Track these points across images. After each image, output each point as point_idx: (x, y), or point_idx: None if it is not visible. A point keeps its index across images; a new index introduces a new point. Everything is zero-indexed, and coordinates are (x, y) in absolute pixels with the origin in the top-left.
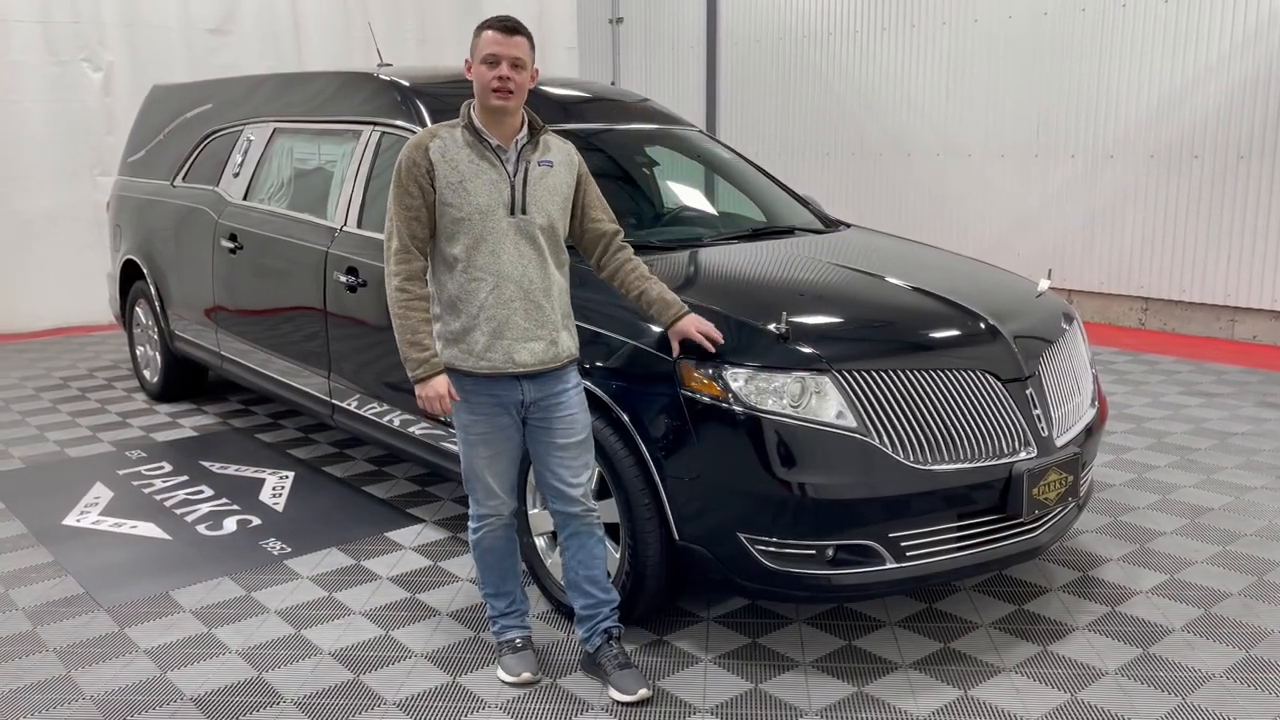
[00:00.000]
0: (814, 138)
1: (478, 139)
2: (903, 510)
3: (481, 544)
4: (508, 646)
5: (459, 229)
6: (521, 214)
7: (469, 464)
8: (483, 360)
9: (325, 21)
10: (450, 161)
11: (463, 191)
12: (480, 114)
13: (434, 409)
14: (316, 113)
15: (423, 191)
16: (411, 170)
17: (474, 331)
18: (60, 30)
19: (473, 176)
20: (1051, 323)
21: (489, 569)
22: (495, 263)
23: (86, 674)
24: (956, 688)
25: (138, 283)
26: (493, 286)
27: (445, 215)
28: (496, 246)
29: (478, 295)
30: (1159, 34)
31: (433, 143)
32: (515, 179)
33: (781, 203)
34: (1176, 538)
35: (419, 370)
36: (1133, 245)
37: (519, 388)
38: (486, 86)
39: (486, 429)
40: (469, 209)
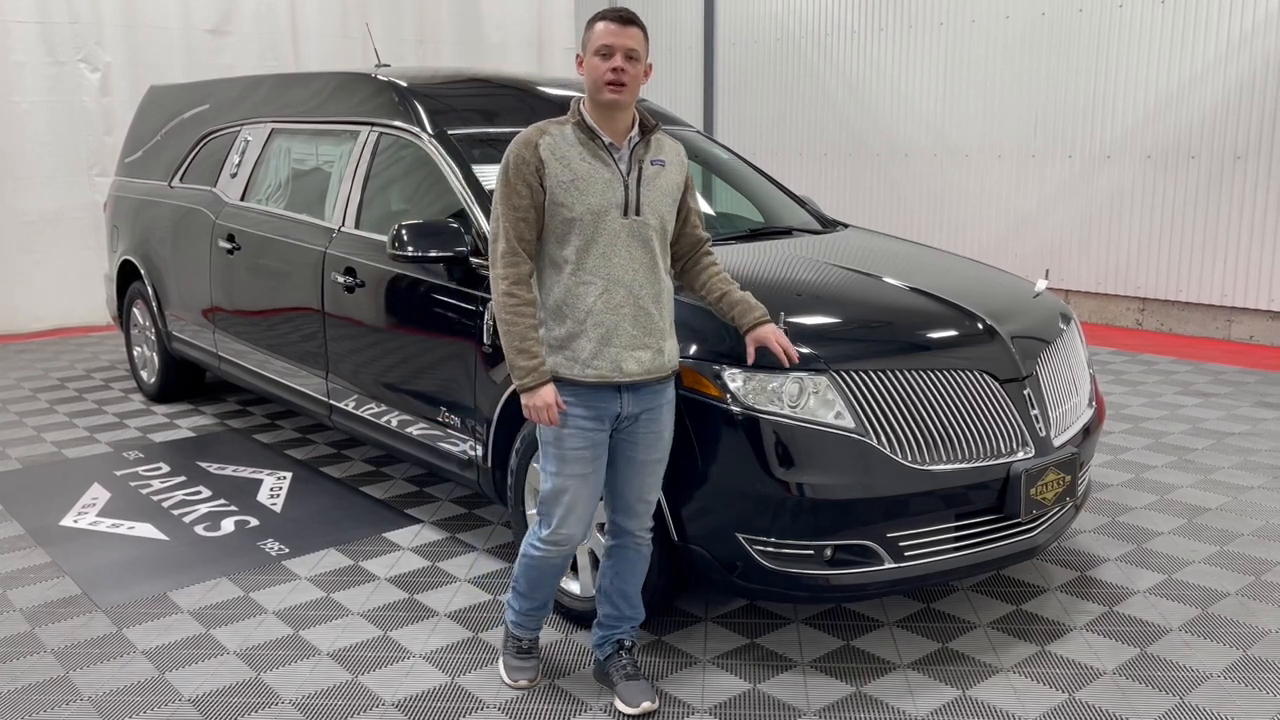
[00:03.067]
0: (811, 138)
1: (590, 136)
2: (901, 510)
3: (538, 564)
4: (514, 644)
5: (570, 230)
6: (635, 215)
7: (556, 483)
8: (589, 368)
9: (323, 22)
10: (562, 159)
11: (575, 191)
12: (592, 110)
13: (541, 419)
14: (314, 113)
15: (531, 191)
16: (520, 168)
17: (580, 338)
18: (58, 31)
19: (586, 175)
20: (1049, 323)
21: (534, 579)
22: (606, 266)
23: (84, 675)
24: (955, 688)
25: (135, 283)
26: (602, 290)
27: (556, 215)
28: (608, 249)
29: (586, 299)
30: (1156, 35)
31: (542, 139)
32: (629, 178)
33: (779, 203)
34: (1174, 537)
35: (528, 379)
36: (1130, 245)
37: (619, 400)
38: (600, 80)
39: (582, 443)
40: (581, 209)
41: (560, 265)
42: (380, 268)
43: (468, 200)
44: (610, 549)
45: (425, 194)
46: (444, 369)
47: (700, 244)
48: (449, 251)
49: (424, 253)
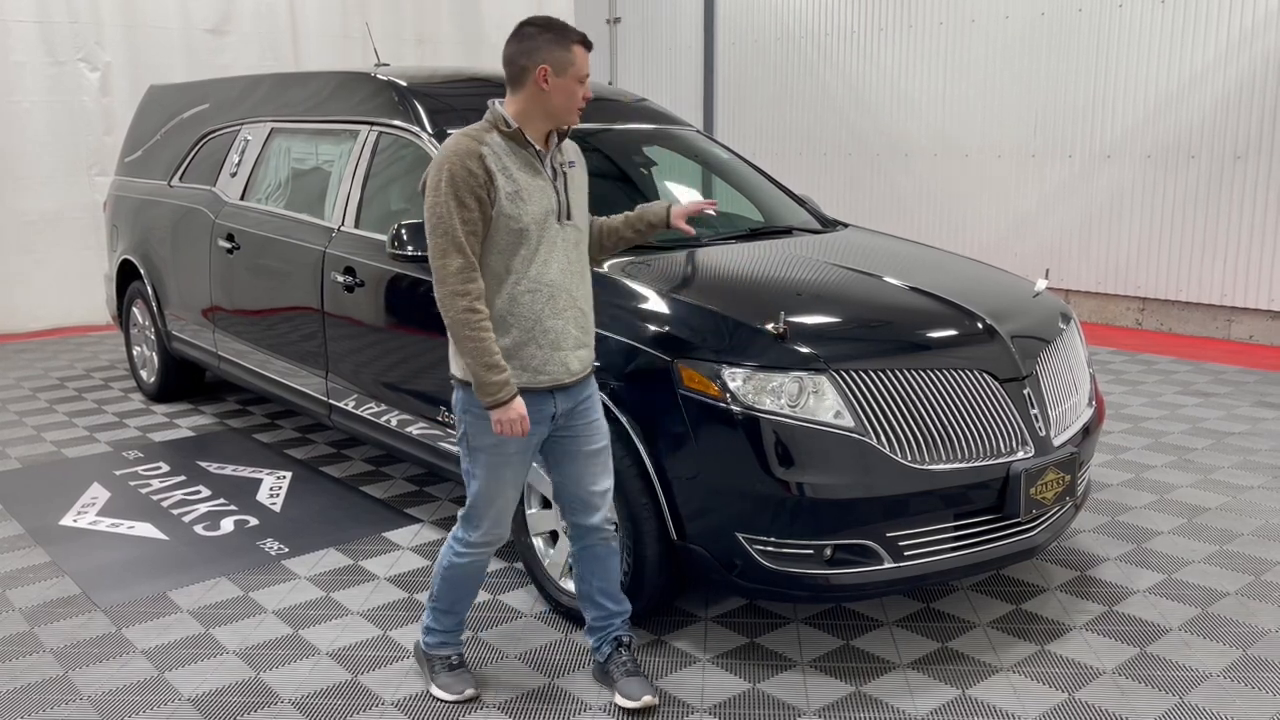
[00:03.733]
0: (811, 138)
1: (522, 145)
2: (900, 510)
3: (462, 570)
4: (443, 663)
5: (518, 240)
6: (568, 220)
7: (489, 488)
8: (541, 374)
9: (323, 22)
10: (504, 170)
11: (520, 201)
12: (533, 121)
13: (514, 432)
14: (314, 113)
15: (480, 204)
16: (469, 181)
17: (529, 345)
18: (58, 30)
19: (526, 185)
20: (1049, 322)
21: (455, 589)
22: (548, 272)
23: (84, 674)
24: (954, 687)
25: (135, 283)
26: (548, 297)
27: (504, 227)
28: (548, 256)
29: (534, 307)
30: (1155, 35)
31: (483, 150)
32: (557, 184)
33: (779, 202)
34: (1174, 537)
35: (501, 393)
36: (1130, 245)
37: (553, 400)
38: (575, 104)
39: (520, 448)
40: (528, 219)
41: (503, 276)
42: (380, 267)
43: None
44: (578, 553)
45: None
46: (443, 368)
47: (597, 223)
48: None
49: (424, 252)
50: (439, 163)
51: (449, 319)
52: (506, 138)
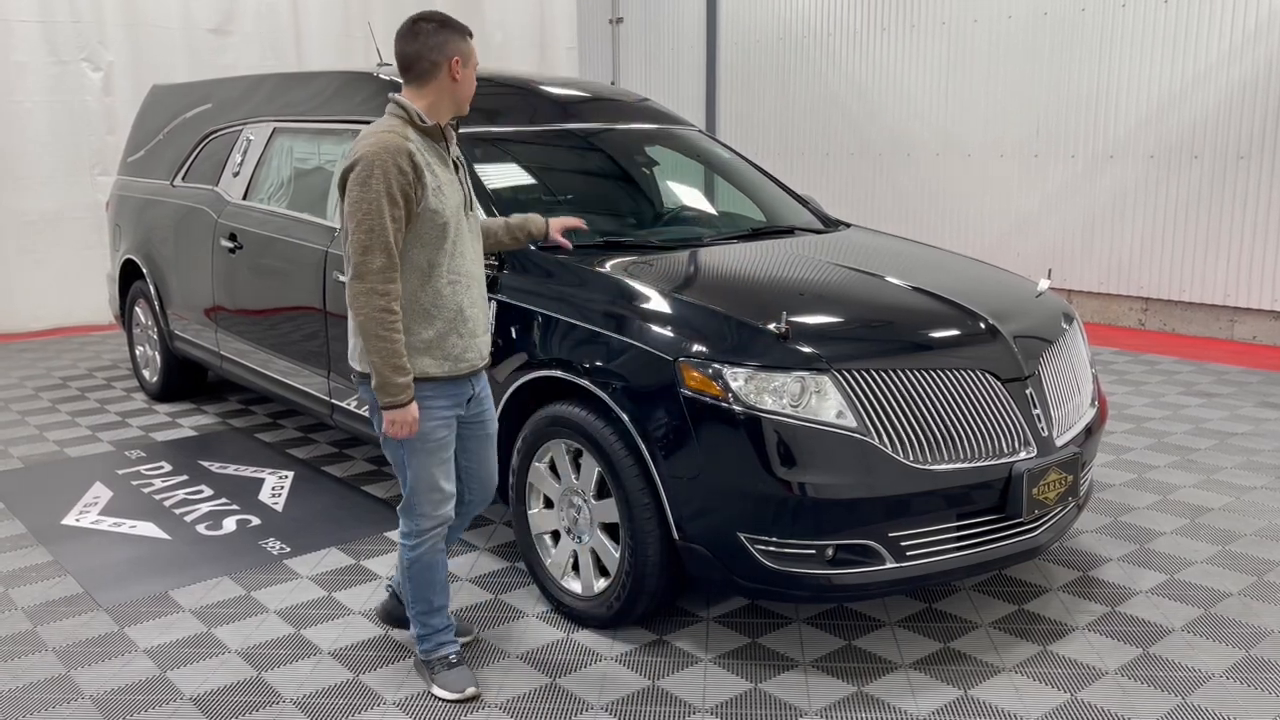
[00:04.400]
0: (814, 137)
1: (435, 140)
2: (902, 510)
3: (421, 560)
4: (442, 664)
5: (441, 234)
6: (471, 210)
7: (425, 475)
8: (462, 362)
9: (325, 22)
10: (427, 166)
11: (442, 195)
12: (440, 113)
13: (405, 433)
14: (316, 112)
15: (408, 201)
16: (401, 179)
17: (452, 335)
18: (60, 30)
19: (444, 179)
20: (1051, 323)
21: (426, 585)
22: (463, 263)
23: (86, 673)
24: (956, 687)
25: (137, 282)
26: (466, 287)
27: (430, 221)
28: (463, 247)
29: (455, 298)
30: (1159, 34)
31: (409, 146)
32: (460, 175)
33: (781, 202)
34: (1176, 538)
35: (403, 395)
36: (1132, 245)
37: (470, 385)
38: (472, 92)
39: (446, 433)
40: (449, 212)
41: (427, 270)
42: None
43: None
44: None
45: None
46: None
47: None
48: None
49: None
50: (369, 159)
51: (362, 316)
52: (422, 133)
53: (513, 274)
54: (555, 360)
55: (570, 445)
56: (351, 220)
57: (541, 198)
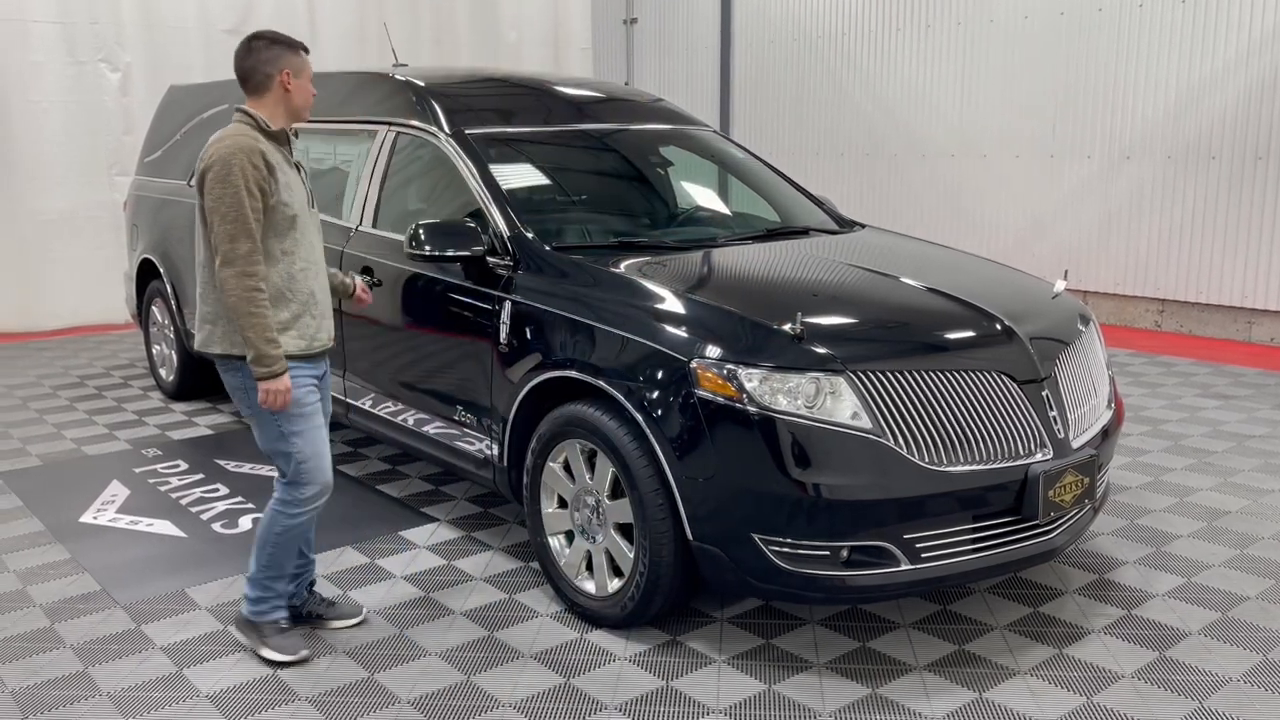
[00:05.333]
0: (828, 138)
1: (281, 144)
2: (917, 512)
3: (296, 529)
4: (273, 628)
5: (291, 225)
6: (313, 207)
7: (310, 444)
8: (314, 341)
9: (341, 22)
10: (278, 165)
11: (290, 191)
12: (280, 121)
13: (279, 403)
14: (332, 113)
15: (264, 194)
16: (255, 174)
17: (305, 316)
18: (78, 31)
19: (291, 177)
20: (1067, 324)
21: (285, 552)
22: (312, 252)
23: (103, 670)
24: (971, 690)
25: (154, 282)
26: (315, 274)
27: (280, 214)
28: (312, 238)
29: (307, 283)
30: (1176, 34)
31: (260, 148)
32: (302, 175)
33: (796, 203)
34: (1193, 541)
35: (277, 365)
36: (1149, 246)
37: (323, 362)
38: (309, 103)
39: (316, 397)
40: (297, 206)
41: (279, 257)
42: (397, 267)
43: (485, 200)
44: None
45: (442, 193)
46: (460, 368)
47: None
48: (466, 251)
49: (441, 252)
50: (225, 158)
51: (235, 297)
52: (268, 138)
53: (527, 274)
54: (569, 360)
55: (584, 445)
56: (215, 214)
57: (556, 198)
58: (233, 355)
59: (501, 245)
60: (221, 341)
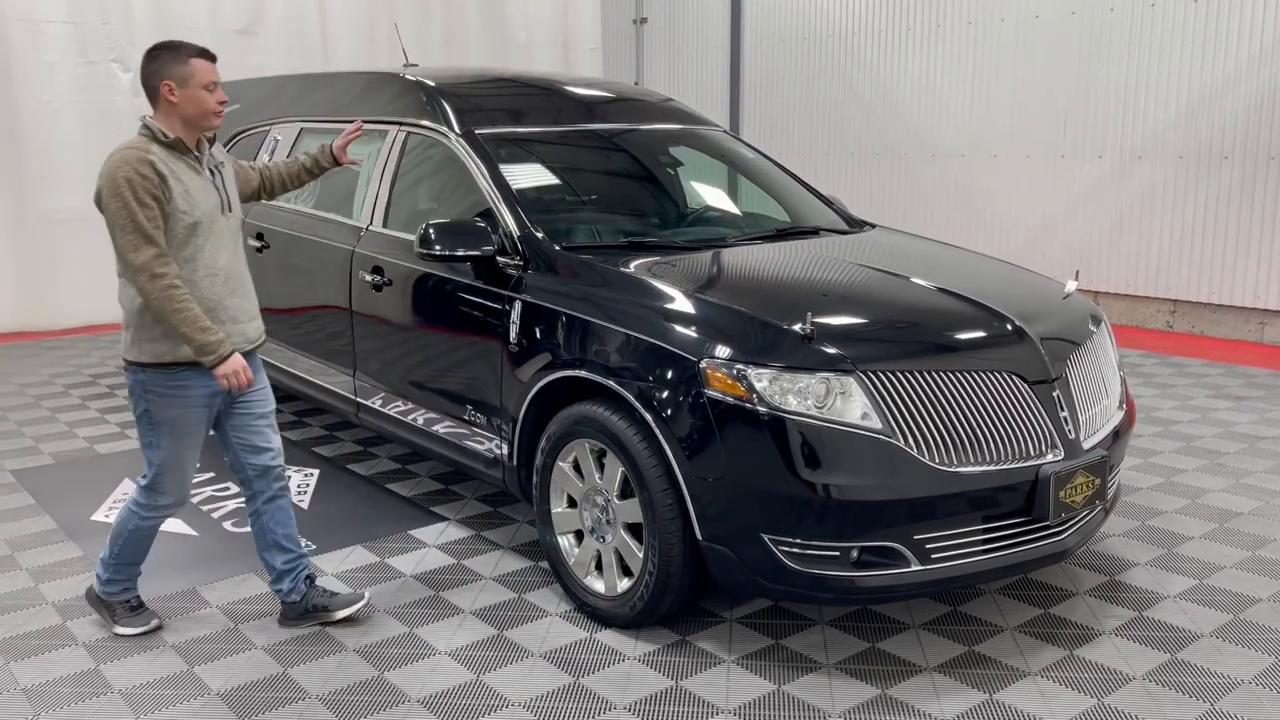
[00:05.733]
0: (838, 138)
1: (183, 152)
2: (928, 512)
3: (146, 528)
4: (125, 607)
5: (193, 232)
6: (230, 211)
7: (173, 457)
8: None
9: (351, 22)
10: (173, 173)
11: (190, 199)
12: (180, 130)
13: (238, 382)
14: (343, 112)
15: (158, 203)
16: (146, 184)
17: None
18: (90, 31)
19: (193, 184)
20: (1079, 324)
21: (135, 547)
22: (220, 259)
23: (115, 668)
24: (981, 691)
25: None
26: (224, 280)
27: (180, 222)
28: (219, 245)
29: (213, 289)
30: (1188, 34)
31: (152, 158)
32: (216, 182)
33: (806, 203)
34: (1205, 542)
35: (222, 349)
36: (1161, 247)
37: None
38: (210, 110)
39: (198, 419)
40: (199, 213)
41: (181, 265)
42: (408, 266)
43: (495, 200)
44: (262, 506)
45: (453, 193)
46: (470, 367)
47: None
48: (476, 250)
49: (451, 251)
50: (112, 173)
51: (154, 300)
52: (166, 147)
53: (537, 274)
54: (579, 360)
55: (594, 445)
56: (115, 229)
57: (566, 198)
58: (128, 360)
59: (511, 245)
60: (129, 349)
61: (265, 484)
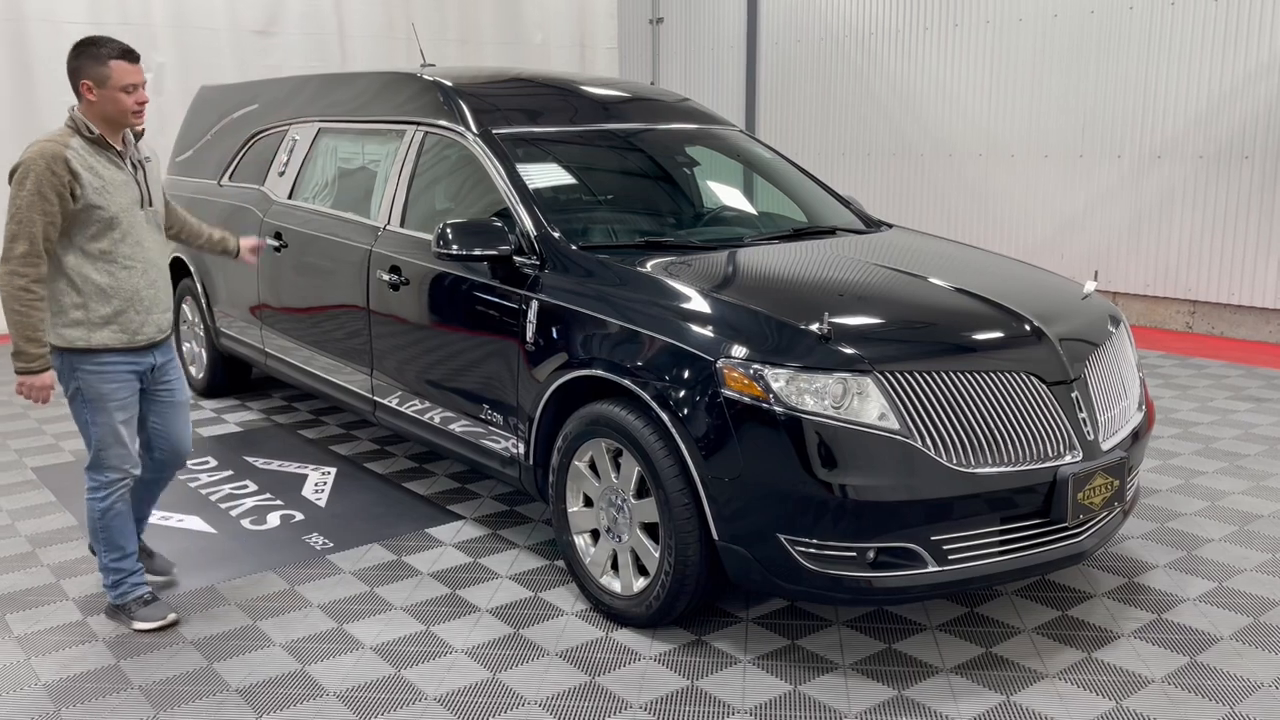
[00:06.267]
0: (855, 138)
1: (105, 148)
2: (945, 513)
3: (112, 510)
4: (138, 602)
5: (109, 226)
6: (150, 205)
7: (107, 431)
8: (139, 335)
9: (369, 23)
10: (90, 169)
11: (107, 194)
12: (101, 126)
13: (40, 398)
14: (360, 113)
15: (61, 199)
16: (53, 180)
17: (128, 312)
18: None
19: (112, 179)
20: (1097, 325)
21: (116, 533)
22: (141, 251)
23: (135, 664)
24: (999, 693)
25: (185, 280)
26: (142, 271)
27: (93, 216)
28: (139, 237)
29: (130, 280)
30: (1208, 32)
31: (68, 154)
32: (138, 177)
33: (823, 203)
34: (1225, 544)
35: (37, 363)
36: (1180, 247)
37: (152, 355)
38: (128, 109)
39: (127, 394)
40: (115, 208)
41: (97, 256)
42: (425, 266)
43: (512, 199)
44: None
45: (470, 193)
46: (487, 366)
47: (173, 210)
48: (493, 250)
49: (468, 251)
50: (27, 164)
51: (5, 293)
52: (88, 142)
53: (554, 274)
54: (595, 360)
55: (610, 444)
56: (7, 214)
57: (582, 197)
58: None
59: (528, 244)
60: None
61: (163, 468)
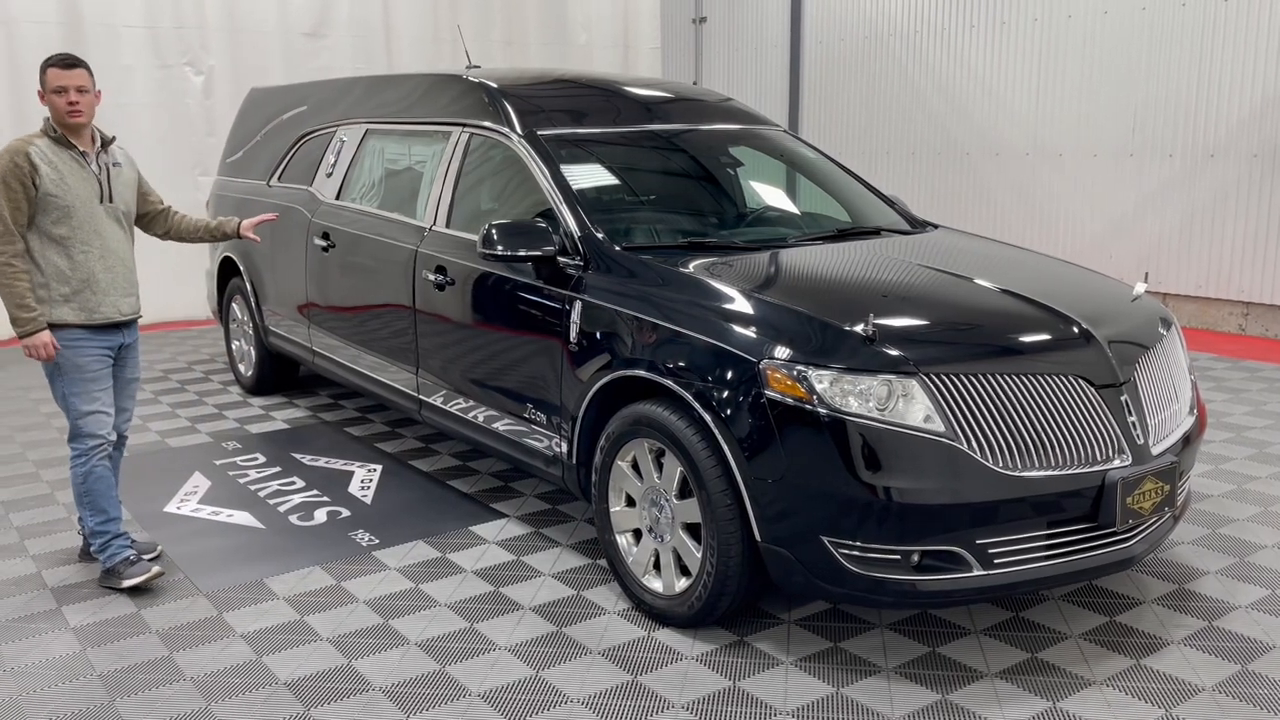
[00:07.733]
0: (900, 137)
1: (66, 146)
2: (991, 517)
3: (93, 474)
4: (125, 563)
5: (67, 215)
6: (110, 201)
7: (88, 401)
8: (95, 314)
9: (415, 25)
10: (49, 163)
11: (64, 185)
12: (62, 128)
13: (41, 355)
14: (407, 114)
15: (24, 187)
16: (16, 171)
17: (84, 292)
18: (165, 35)
19: (70, 173)
20: (1148, 327)
21: (99, 496)
22: (99, 239)
23: (187, 655)
24: (1045, 699)
25: (235, 279)
26: (99, 257)
27: (52, 205)
28: (98, 227)
29: (87, 264)
30: (1263, 28)
31: (30, 149)
32: (101, 177)
33: (867, 203)
34: (1278, 551)
35: (30, 326)
36: (1233, 248)
37: (120, 334)
38: (59, 111)
39: (101, 365)
40: (72, 198)
41: (60, 241)
42: (470, 266)
43: (556, 200)
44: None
45: (514, 193)
46: (530, 366)
47: (166, 210)
48: (538, 250)
49: (513, 251)
50: None
51: None
52: (54, 141)
53: (597, 274)
54: (638, 360)
55: (653, 445)
56: None
57: (626, 198)
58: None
59: (572, 245)
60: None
61: (119, 441)
